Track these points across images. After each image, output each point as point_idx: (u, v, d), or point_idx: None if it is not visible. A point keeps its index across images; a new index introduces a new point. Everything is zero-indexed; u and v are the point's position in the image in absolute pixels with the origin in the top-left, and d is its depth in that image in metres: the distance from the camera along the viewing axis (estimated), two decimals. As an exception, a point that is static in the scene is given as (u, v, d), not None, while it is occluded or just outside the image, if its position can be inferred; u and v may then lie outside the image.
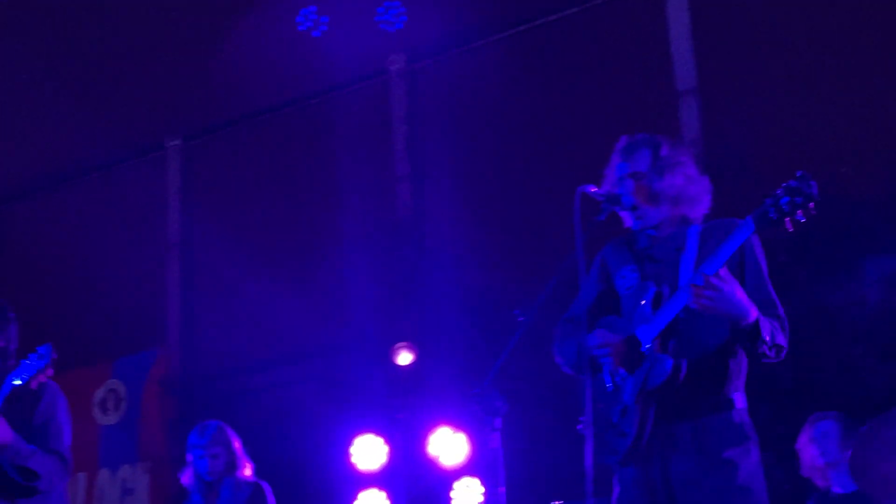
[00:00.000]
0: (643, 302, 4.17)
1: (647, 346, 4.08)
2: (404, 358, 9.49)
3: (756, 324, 3.94)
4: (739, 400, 4.13)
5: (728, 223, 4.23)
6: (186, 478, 6.83)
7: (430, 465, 9.11)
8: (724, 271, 3.92)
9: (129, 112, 12.32)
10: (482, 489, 8.93)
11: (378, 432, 9.31)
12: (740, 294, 3.92)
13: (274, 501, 6.75)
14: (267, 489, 6.77)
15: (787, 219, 3.84)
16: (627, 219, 4.43)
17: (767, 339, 3.97)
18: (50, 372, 4.95)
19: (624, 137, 4.58)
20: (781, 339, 4.05)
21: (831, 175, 9.97)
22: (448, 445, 9.07)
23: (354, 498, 9.32)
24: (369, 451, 9.29)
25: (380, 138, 11.84)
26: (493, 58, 11.33)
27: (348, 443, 9.37)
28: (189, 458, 6.82)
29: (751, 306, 3.95)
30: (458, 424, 9.03)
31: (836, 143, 10.07)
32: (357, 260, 11.05)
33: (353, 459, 9.32)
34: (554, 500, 7.64)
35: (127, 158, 13.28)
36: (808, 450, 6.05)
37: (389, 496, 9.25)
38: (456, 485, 9.09)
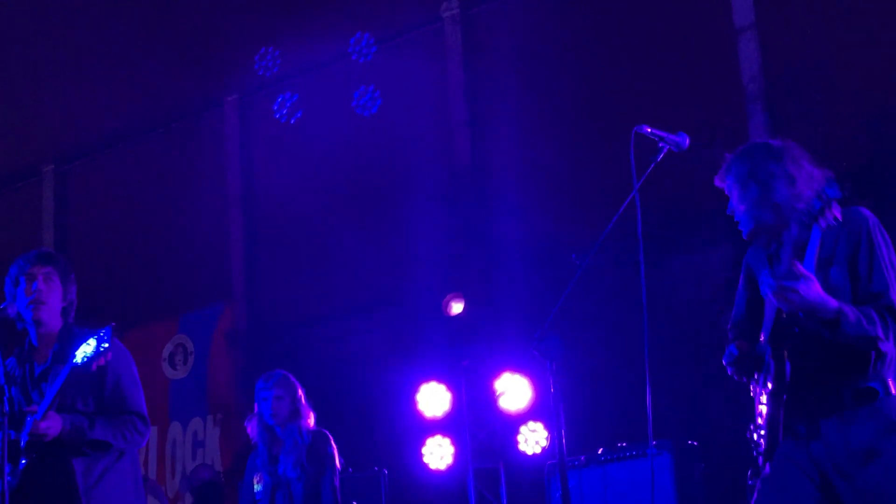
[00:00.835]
0: (769, 305, 4.14)
1: (760, 344, 4.08)
2: (456, 308, 9.51)
3: (837, 314, 3.84)
4: (888, 387, 3.96)
5: (849, 214, 4.04)
6: (252, 427, 6.95)
7: (495, 411, 9.16)
8: (799, 266, 3.85)
9: (187, 69, 12.36)
10: (546, 433, 8.96)
11: (441, 380, 9.38)
12: (815, 288, 3.83)
13: (335, 448, 6.83)
14: (329, 436, 6.86)
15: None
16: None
17: (849, 330, 3.84)
18: (109, 356, 5.00)
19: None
20: (871, 330, 3.86)
21: (893, 112, 9.81)
22: (512, 391, 9.11)
23: (421, 444, 9.42)
24: (434, 399, 9.37)
25: (437, 85, 11.80)
26: (548, 1, 11.24)
27: (414, 391, 9.44)
28: (255, 406, 6.94)
29: (828, 299, 3.85)
30: (522, 370, 9.06)
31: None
32: (418, 209, 11.06)
33: (419, 407, 9.40)
34: (618, 443, 7.67)
35: (187, 114, 13.38)
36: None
37: (454, 442, 9.33)
38: (522, 429, 9.13)
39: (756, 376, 4.17)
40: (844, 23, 10.09)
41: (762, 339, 4.10)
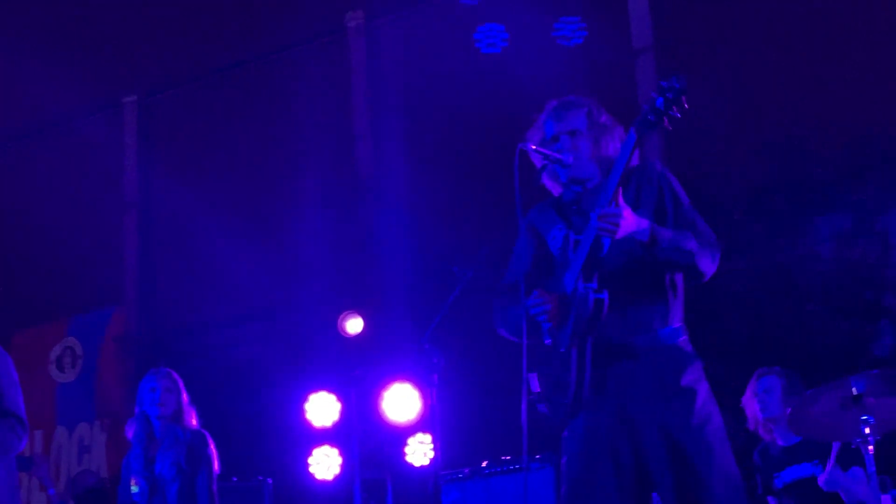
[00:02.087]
0: (567, 252, 4.18)
1: (571, 289, 4.09)
2: (353, 326, 9.49)
3: (650, 231, 3.99)
4: (683, 329, 4.14)
5: (643, 167, 4.29)
6: (130, 431, 6.79)
7: (383, 422, 9.16)
8: (621, 200, 3.97)
9: (87, 68, 12.19)
10: (431, 444, 8.98)
11: (331, 389, 9.36)
12: (632, 214, 3.98)
13: (214, 450, 6.70)
14: (208, 437, 6.71)
15: (665, 118, 3.89)
16: (557, 178, 4.41)
17: (664, 243, 4.00)
18: None
19: (553, 100, 4.56)
20: (689, 245, 4.04)
21: (788, 134, 10.07)
22: (400, 402, 9.12)
23: (308, 454, 9.38)
24: (323, 408, 9.34)
25: (339, 96, 11.78)
26: (452, 14, 11.29)
27: (303, 400, 9.41)
28: (137, 409, 6.78)
29: (642, 220, 4.00)
30: (412, 381, 9.08)
31: (791, 102, 10.13)
32: (315, 219, 11.03)
33: (307, 416, 9.37)
34: (495, 456, 7.70)
35: (84, 115, 13.18)
36: (752, 404, 6.13)
37: (342, 452, 9.31)
38: (410, 440, 9.15)
39: (548, 325, 4.19)
40: (742, 46, 10.30)
41: (573, 277, 4.11)
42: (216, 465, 6.66)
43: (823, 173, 9.92)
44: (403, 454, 9.14)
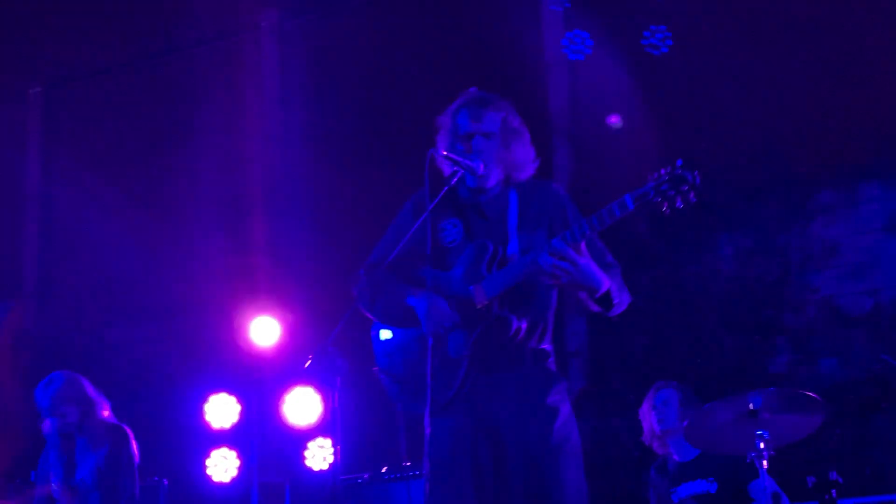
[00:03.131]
0: (475, 259, 4.19)
1: (483, 303, 4.12)
2: (265, 331, 9.41)
3: (609, 292, 4.07)
4: (551, 350, 4.27)
5: (543, 185, 4.34)
6: (46, 427, 6.47)
7: (283, 425, 9.09)
8: (582, 246, 3.99)
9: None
10: (332, 449, 8.95)
11: (231, 391, 9.27)
12: (594, 267, 4.00)
13: (136, 445, 6.51)
14: (128, 433, 6.51)
15: (667, 202, 3.89)
16: (468, 181, 4.43)
17: (616, 300, 4.12)
18: None
19: (471, 91, 4.58)
20: (627, 298, 4.20)
21: (690, 151, 10.20)
22: (302, 406, 9.06)
23: (206, 456, 9.27)
24: (222, 410, 9.25)
25: (250, 95, 11.68)
26: (365, 18, 11.26)
27: (202, 401, 9.30)
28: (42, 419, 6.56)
29: (603, 277, 4.05)
30: (313, 384, 9.03)
31: (695, 120, 10.27)
32: (220, 218, 10.92)
33: (206, 418, 9.27)
34: (395, 462, 7.69)
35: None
36: (649, 417, 6.20)
37: (240, 455, 9.22)
38: (310, 444, 9.10)
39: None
40: (649, 63, 10.43)
41: (484, 293, 4.14)
42: (136, 457, 6.46)
43: (725, 192, 10.08)
44: (303, 458, 9.09)
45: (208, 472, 9.26)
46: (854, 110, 9.54)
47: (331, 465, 8.95)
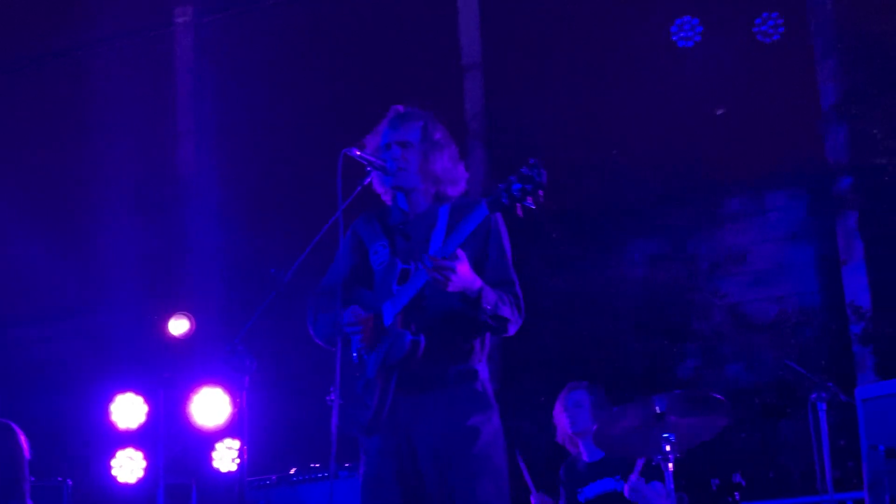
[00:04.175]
0: (391, 279, 4.22)
1: (389, 322, 4.15)
2: (179, 327, 9.31)
3: (479, 293, 4.07)
4: (483, 370, 4.26)
5: (473, 203, 4.35)
6: None
7: (191, 426, 9.00)
8: (459, 251, 4.02)
9: None
10: (241, 451, 8.85)
11: (138, 391, 9.14)
12: (468, 270, 4.03)
13: (25, 441, 6.38)
14: (15, 429, 6.38)
15: (518, 204, 3.92)
16: (383, 184, 4.43)
17: (488, 308, 4.10)
18: None
19: (394, 107, 4.59)
20: (506, 313, 4.16)
21: (604, 157, 10.32)
22: (209, 406, 8.97)
23: (112, 456, 9.14)
24: (129, 410, 9.12)
25: (163, 92, 11.56)
26: (281, 17, 11.20)
27: (108, 401, 9.17)
28: None
29: (476, 279, 4.08)
30: (222, 385, 8.95)
31: (606, 126, 10.38)
32: (130, 216, 10.79)
33: (112, 418, 9.13)
34: (304, 463, 7.64)
35: None
36: (562, 418, 6.23)
37: (146, 456, 9.10)
38: (218, 445, 9.01)
39: (359, 344, 4.24)
40: (568, 67, 10.51)
41: (391, 311, 4.16)
42: (27, 452, 6.33)
43: (638, 198, 10.20)
44: (210, 459, 9.00)
45: (114, 472, 9.14)
46: (762, 121, 9.71)
47: (238, 466, 8.86)
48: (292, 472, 7.81)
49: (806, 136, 9.73)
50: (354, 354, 4.27)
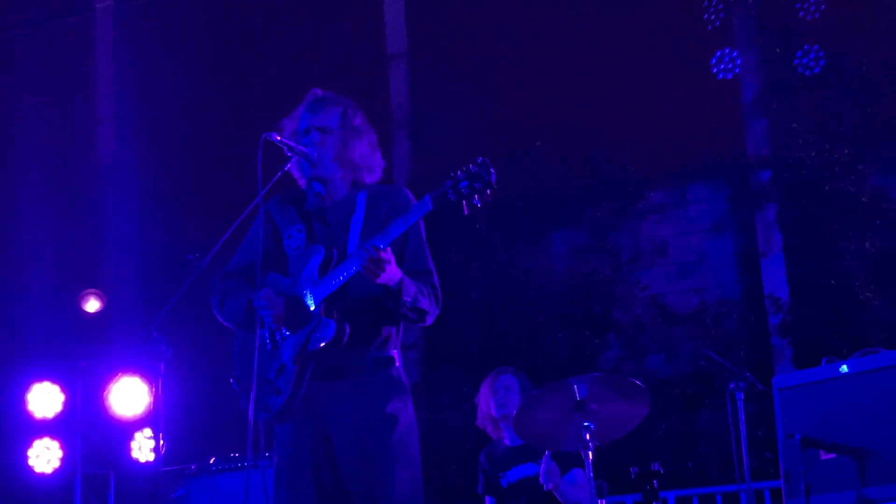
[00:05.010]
0: (311, 264, 4.18)
1: (313, 308, 4.12)
2: (92, 305, 9.19)
3: (399, 285, 4.06)
4: (398, 357, 4.26)
5: (394, 191, 4.35)
6: None
7: (109, 415, 8.87)
8: (388, 250, 4.03)
9: None
10: (162, 441, 8.74)
11: (55, 380, 8.98)
12: (393, 262, 4.04)
13: None
14: None
15: (464, 201, 3.92)
16: (302, 172, 4.39)
17: (408, 301, 4.11)
18: None
19: (313, 91, 4.54)
20: (425, 305, 4.18)
21: (529, 148, 10.35)
22: (128, 395, 8.85)
23: (28, 446, 8.98)
24: (45, 399, 8.96)
25: (84, 77, 11.38)
26: (203, 3, 11.08)
27: (24, 390, 9.00)
28: None
29: (397, 271, 4.08)
30: (141, 373, 8.83)
31: (535, 117, 10.41)
32: (47, 201, 10.61)
33: (29, 407, 8.97)
34: (223, 452, 7.58)
35: None
36: (488, 401, 6.20)
37: (63, 445, 8.95)
38: (137, 435, 8.90)
39: (273, 328, 4.21)
40: (493, 58, 10.53)
41: (313, 297, 4.14)
42: None
43: (561, 189, 10.25)
44: (129, 449, 8.88)
45: (30, 462, 8.97)
46: (684, 114, 9.80)
47: (157, 455, 8.75)
48: (212, 461, 7.74)
49: (727, 130, 9.84)
50: (268, 340, 4.22)
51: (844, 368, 4.82)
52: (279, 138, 4.35)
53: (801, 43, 9.50)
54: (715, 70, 9.57)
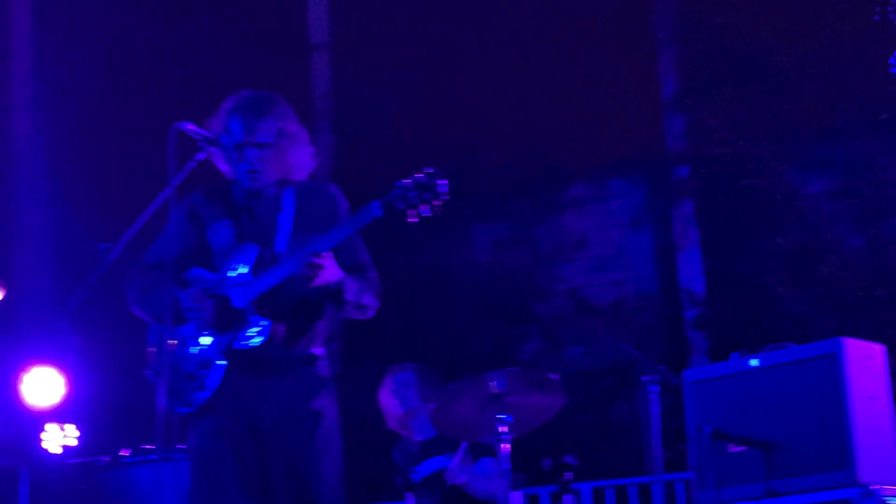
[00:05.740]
0: (242, 262, 4.14)
1: (244, 307, 4.10)
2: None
3: (340, 285, 4.06)
4: (323, 353, 4.26)
5: (322, 188, 4.33)
6: None
7: (20, 406, 8.71)
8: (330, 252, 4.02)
9: None
10: (77, 432, 8.63)
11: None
12: (333, 264, 4.03)
13: None
14: None
15: (412, 210, 3.92)
16: (243, 182, 4.33)
17: (350, 299, 4.11)
18: None
19: (243, 95, 4.46)
20: (368, 300, 4.19)
21: (453, 140, 10.37)
22: (40, 386, 8.69)
23: (-65, 438, 8.81)
24: (-45, 391, 8.80)
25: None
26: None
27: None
28: None
29: (338, 271, 4.05)
30: (54, 364, 8.69)
31: (459, 108, 10.43)
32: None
33: (-62, 399, 8.80)
34: (136, 445, 7.50)
35: None
36: (390, 400, 6.21)
37: (-28, 439, 8.79)
38: (49, 426, 8.75)
39: (198, 324, 4.18)
40: (416, 48, 10.53)
41: (245, 296, 4.12)
42: None
43: (483, 183, 10.27)
44: (40, 441, 8.73)
45: (-61, 454, 8.80)
46: (605, 110, 9.87)
47: (70, 447, 8.63)
48: (126, 453, 7.65)
49: (646, 126, 9.94)
50: (193, 335, 4.17)
51: (754, 362, 4.88)
52: (191, 128, 4.28)
53: (721, 42, 9.62)
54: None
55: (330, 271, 4.00)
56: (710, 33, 9.74)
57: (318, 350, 4.23)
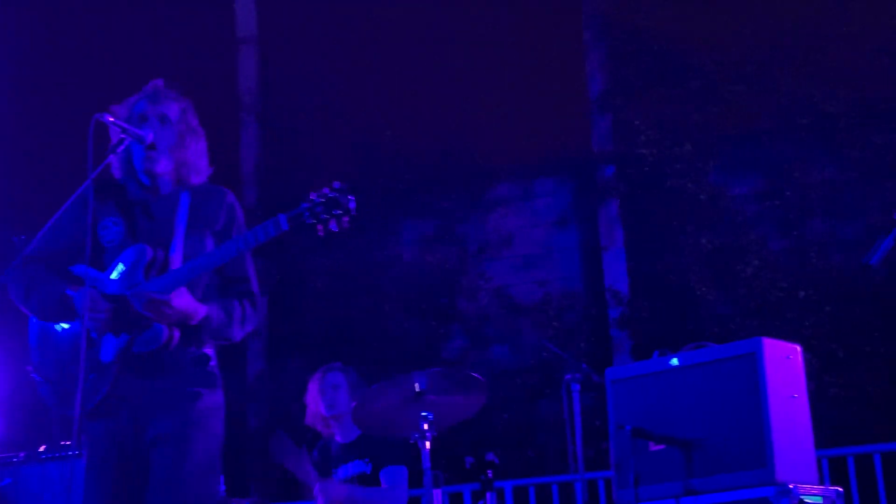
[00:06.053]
0: (134, 262, 4.06)
1: (137, 310, 4.01)
2: None
3: (201, 323, 4.04)
4: (214, 355, 4.21)
5: (219, 194, 4.27)
6: None
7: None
8: (182, 288, 3.96)
9: None
10: (-6, 427, 8.49)
11: None
12: (189, 301, 3.98)
13: None
14: None
15: (321, 226, 3.89)
16: (130, 159, 4.25)
17: (209, 339, 4.10)
18: None
19: (154, 82, 4.41)
20: (233, 333, 4.14)
21: (380, 136, 10.34)
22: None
23: None
24: None
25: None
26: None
27: None
28: None
29: (198, 308, 4.01)
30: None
31: (388, 104, 10.40)
32: None
33: None
34: (54, 441, 7.39)
35: None
36: (317, 400, 6.17)
37: None
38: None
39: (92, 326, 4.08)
40: (343, 44, 10.49)
41: (140, 299, 4.03)
42: None
43: (409, 179, 10.26)
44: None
45: None
46: (532, 108, 9.91)
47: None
48: (41, 449, 7.53)
49: (573, 125, 9.99)
50: (85, 335, 4.06)
51: (674, 361, 4.92)
52: (112, 119, 4.21)
53: (648, 43, 9.70)
54: None
55: (181, 311, 3.95)
56: (637, 35, 9.81)
57: (209, 350, 4.18)
